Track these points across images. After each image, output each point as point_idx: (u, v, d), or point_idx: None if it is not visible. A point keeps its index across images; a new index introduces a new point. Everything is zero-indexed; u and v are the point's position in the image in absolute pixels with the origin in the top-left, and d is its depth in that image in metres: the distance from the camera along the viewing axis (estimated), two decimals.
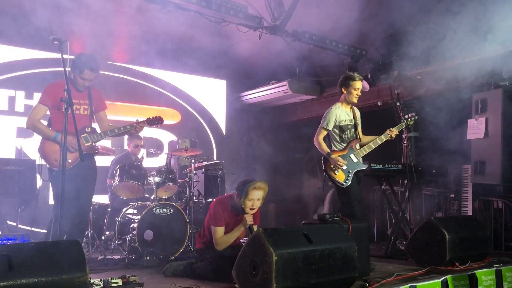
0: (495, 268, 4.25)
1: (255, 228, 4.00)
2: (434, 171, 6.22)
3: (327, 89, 7.85)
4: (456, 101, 5.90)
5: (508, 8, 4.82)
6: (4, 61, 6.59)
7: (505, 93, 5.38)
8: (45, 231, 4.57)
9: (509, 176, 5.29)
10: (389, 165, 5.55)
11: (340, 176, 4.69)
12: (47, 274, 2.55)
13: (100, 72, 4.30)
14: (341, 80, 4.87)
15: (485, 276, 4.12)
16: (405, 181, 5.71)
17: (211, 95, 8.65)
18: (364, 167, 4.80)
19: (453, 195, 6.20)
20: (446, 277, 3.86)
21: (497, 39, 5.17)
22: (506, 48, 5.36)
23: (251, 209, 4.01)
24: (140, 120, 4.49)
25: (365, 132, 5.00)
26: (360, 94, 4.84)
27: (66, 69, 4.08)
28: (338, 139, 4.82)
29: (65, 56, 3.53)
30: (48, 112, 4.23)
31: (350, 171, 4.70)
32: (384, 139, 4.87)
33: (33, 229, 5.66)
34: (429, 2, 5.28)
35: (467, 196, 6.09)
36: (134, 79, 7.71)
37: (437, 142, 6.06)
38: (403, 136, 5.88)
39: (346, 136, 4.82)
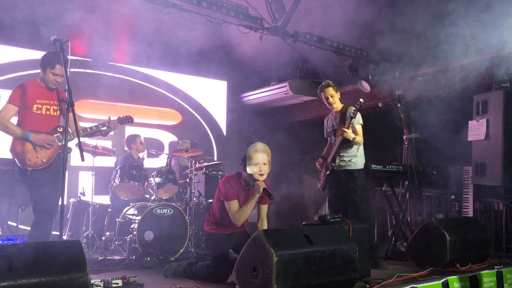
0: (496, 270, 4.25)
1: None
2: (434, 172, 6.22)
3: None
4: (457, 102, 5.90)
5: (508, 8, 4.81)
6: (4, 62, 6.57)
7: (506, 94, 5.37)
8: None
9: (509, 177, 5.28)
10: (390, 167, 5.55)
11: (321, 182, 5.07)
12: (47, 274, 2.54)
13: (101, 72, 4.28)
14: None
15: (486, 278, 4.12)
16: (406, 183, 5.71)
17: (212, 96, 8.65)
18: (339, 169, 4.87)
19: (453, 197, 6.19)
20: (447, 278, 3.86)
21: (498, 39, 5.17)
22: (507, 49, 5.36)
23: (260, 174, 3.80)
24: (112, 118, 4.51)
25: (367, 133, 5.00)
26: (334, 100, 4.91)
27: (74, 70, 4.09)
28: (331, 145, 5.03)
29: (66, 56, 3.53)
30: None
31: (329, 175, 4.98)
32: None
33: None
34: (430, 4, 5.27)
35: (468, 198, 6.09)
36: (134, 80, 7.70)
37: (438, 143, 6.06)
38: (404, 137, 5.88)
39: (333, 142, 4.98)
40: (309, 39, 6.01)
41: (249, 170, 3.83)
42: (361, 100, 4.51)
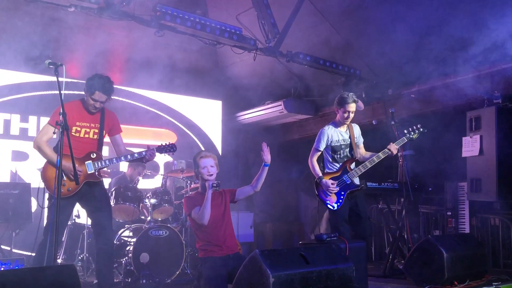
0: (494, 287, 4.24)
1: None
2: (430, 189, 6.22)
3: (322, 108, 7.90)
4: (451, 119, 5.95)
5: (499, 26, 4.89)
6: (0, 85, 6.60)
7: (499, 110, 5.42)
8: None
9: (505, 192, 5.30)
10: (385, 184, 5.56)
11: (332, 199, 4.69)
12: None
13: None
14: (336, 100, 4.88)
15: None
16: (402, 200, 5.71)
17: (207, 115, 8.68)
18: (356, 188, 4.77)
19: (450, 213, 6.18)
20: None
21: (490, 57, 5.24)
22: (498, 66, 5.43)
23: (209, 175, 3.99)
24: (151, 147, 4.29)
25: (366, 149, 5.02)
26: (353, 116, 4.85)
27: (68, 92, 4.09)
28: (331, 160, 4.84)
29: (60, 79, 3.51)
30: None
31: (343, 193, 4.70)
32: (382, 157, 4.75)
33: (27, 253, 5.59)
34: (420, 22, 5.36)
35: (464, 214, 6.08)
36: (129, 101, 7.73)
37: (432, 160, 6.08)
38: (399, 154, 5.89)
39: (338, 156, 4.83)
40: (303, 59, 6.08)
41: (199, 174, 4.04)
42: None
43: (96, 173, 4.13)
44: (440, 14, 5.36)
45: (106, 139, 4.39)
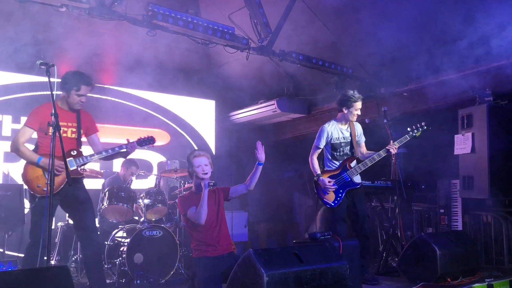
0: (486, 283, 4.27)
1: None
2: (423, 186, 6.25)
3: (315, 107, 7.91)
4: (443, 117, 5.98)
5: (490, 24, 4.92)
6: None
7: (490, 108, 5.46)
8: None
9: (496, 190, 5.34)
10: (379, 182, 5.58)
11: (330, 197, 4.70)
12: None
13: (88, 95, 4.24)
14: (342, 99, 4.88)
15: None
16: (395, 198, 5.73)
17: (200, 115, 8.67)
18: (356, 186, 4.78)
19: (442, 210, 6.22)
20: None
21: (481, 55, 5.27)
22: (489, 64, 5.47)
23: (204, 173, 4.00)
24: (130, 140, 4.30)
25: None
26: (356, 115, 4.88)
27: (60, 92, 4.06)
28: (330, 157, 4.86)
29: (52, 80, 3.49)
30: (34, 136, 4.09)
31: (341, 191, 4.71)
32: (383, 155, 4.77)
33: (20, 255, 5.55)
34: (412, 21, 5.38)
35: (457, 211, 6.12)
36: (122, 101, 7.70)
37: (425, 158, 6.11)
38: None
39: (338, 154, 4.84)
40: (295, 58, 6.08)
41: (194, 174, 4.04)
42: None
43: (79, 169, 4.12)
44: (432, 12, 5.39)
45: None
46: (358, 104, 4.80)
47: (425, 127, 4.92)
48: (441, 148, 6.03)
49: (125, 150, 4.23)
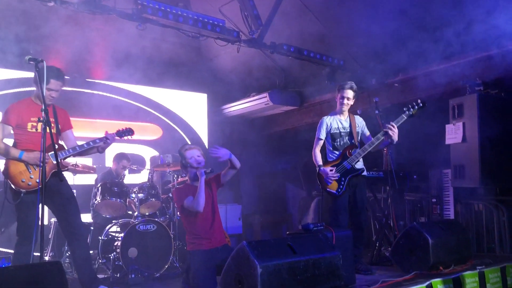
0: (478, 271, 4.31)
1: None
2: (415, 176, 6.29)
3: (307, 99, 7.91)
4: (434, 107, 6.00)
5: (480, 13, 4.94)
6: None
7: (480, 97, 5.50)
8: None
9: (487, 178, 5.39)
10: (371, 172, 5.60)
11: (333, 186, 4.73)
12: None
13: (80, 90, 4.21)
14: (336, 89, 4.97)
15: (468, 279, 4.18)
16: (387, 188, 5.77)
17: (192, 109, 8.64)
18: (357, 172, 4.80)
19: (435, 200, 6.27)
20: (430, 281, 3.91)
21: (471, 44, 5.30)
22: (479, 53, 5.49)
23: (198, 163, 4.09)
24: (109, 132, 4.28)
25: None
26: (349, 103, 4.89)
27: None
28: (331, 148, 4.91)
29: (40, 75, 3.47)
30: (12, 132, 4.01)
31: (343, 178, 4.75)
32: (381, 138, 4.75)
33: (13, 251, 5.52)
34: (403, 12, 5.39)
35: (449, 200, 6.17)
36: (113, 96, 7.66)
37: (417, 148, 6.14)
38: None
39: (338, 144, 4.87)
40: (286, 50, 6.08)
41: (187, 166, 4.12)
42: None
43: (63, 162, 4.11)
44: (421, 2, 5.40)
45: None
46: (346, 92, 4.82)
47: (421, 105, 4.86)
48: (433, 138, 6.06)
49: (105, 141, 4.19)
